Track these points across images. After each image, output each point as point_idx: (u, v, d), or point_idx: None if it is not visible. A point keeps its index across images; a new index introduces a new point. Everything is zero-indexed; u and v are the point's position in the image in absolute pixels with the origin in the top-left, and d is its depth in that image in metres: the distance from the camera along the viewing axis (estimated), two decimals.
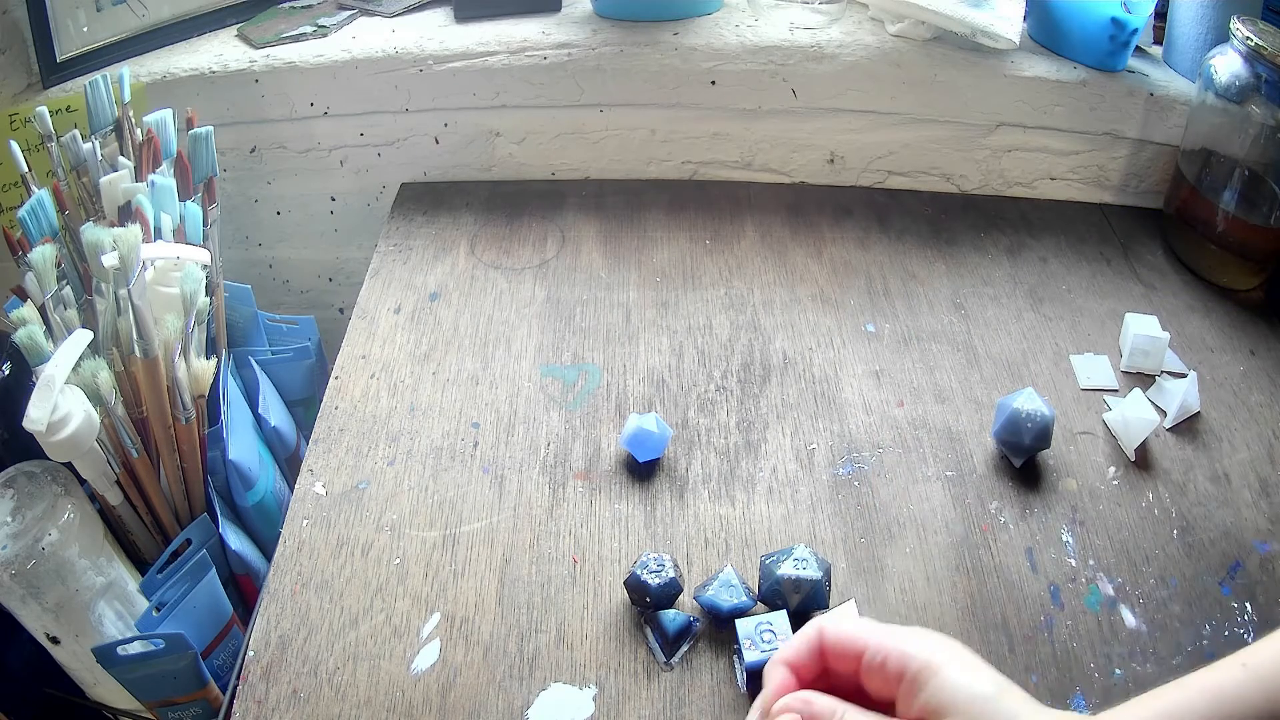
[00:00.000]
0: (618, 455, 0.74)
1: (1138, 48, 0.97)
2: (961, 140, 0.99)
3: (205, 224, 0.81)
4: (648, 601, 0.62)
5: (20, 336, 0.66)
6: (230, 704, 0.60)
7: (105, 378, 0.67)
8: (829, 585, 0.62)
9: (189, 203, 0.80)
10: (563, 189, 1.02)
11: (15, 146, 0.79)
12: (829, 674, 0.44)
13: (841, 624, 0.43)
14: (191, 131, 0.85)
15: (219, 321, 0.83)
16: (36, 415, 0.62)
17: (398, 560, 0.66)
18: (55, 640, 0.71)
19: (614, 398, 0.78)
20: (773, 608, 0.62)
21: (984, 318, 0.87)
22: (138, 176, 0.81)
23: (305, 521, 0.69)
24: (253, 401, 0.85)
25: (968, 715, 0.39)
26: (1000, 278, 0.91)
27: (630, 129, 1.00)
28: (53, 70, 0.92)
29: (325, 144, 1.01)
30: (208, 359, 0.74)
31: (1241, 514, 0.70)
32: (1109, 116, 0.95)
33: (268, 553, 0.77)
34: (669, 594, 0.62)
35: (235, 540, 0.76)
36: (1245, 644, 0.62)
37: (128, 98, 0.84)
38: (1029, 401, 0.71)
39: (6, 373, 0.76)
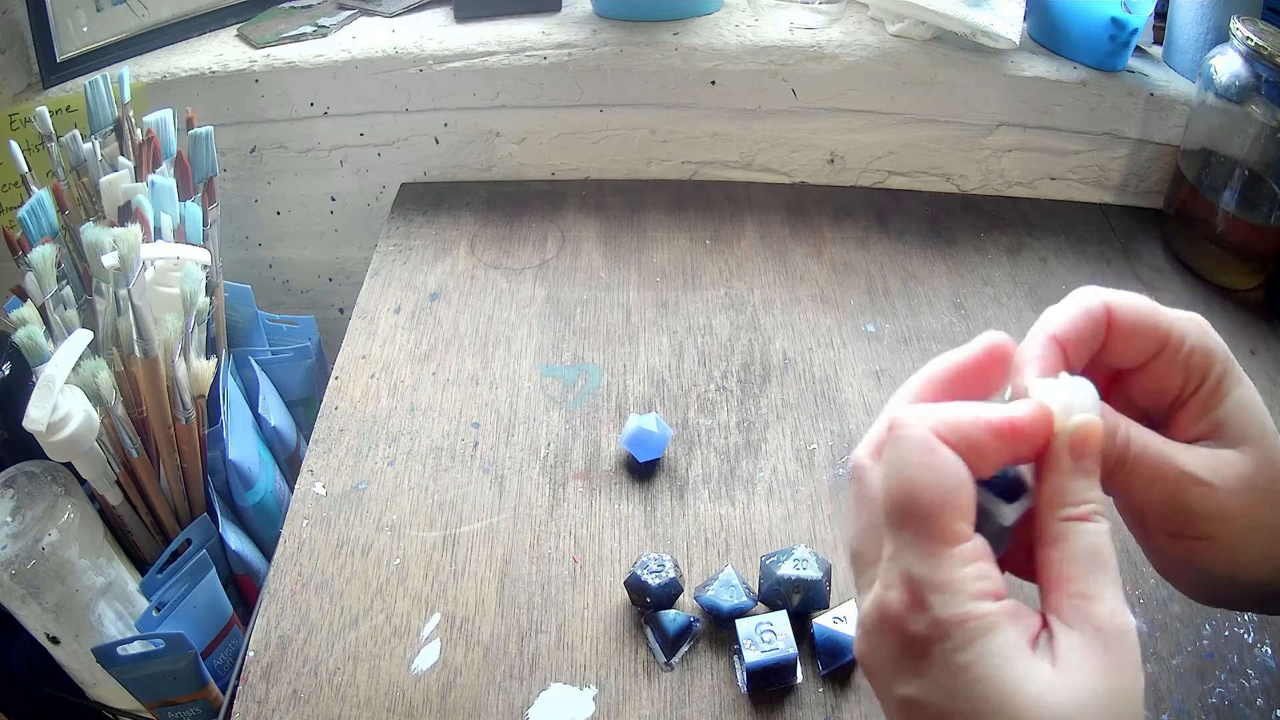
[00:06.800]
0: (618, 455, 0.74)
1: (1138, 48, 0.97)
2: (961, 140, 0.99)
3: (205, 224, 0.81)
4: (648, 601, 0.62)
5: (20, 336, 0.65)
6: (230, 704, 0.59)
7: (105, 378, 0.67)
8: (829, 585, 0.62)
9: (189, 203, 0.80)
10: (563, 189, 1.02)
11: (15, 146, 0.79)
12: (1093, 364, 0.34)
13: (1134, 297, 0.33)
14: (191, 131, 0.85)
15: (219, 321, 0.83)
16: (36, 415, 0.62)
17: (398, 560, 0.66)
18: (55, 640, 0.71)
19: (614, 398, 0.78)
20: (773, 608, 0.62)
21: (984, 318, 0.87)
22: (138, 176, 0.81)
23: (305, 521, 0.69)
24: (253, 401, 0.85)
25: (1267, 456, 0.32)
26: (1000, 278, 0.91)
27: (630, 129, 1.00)
28: (53, 70, 0.92)
29: (325, 144, 1.01)
30: (208, 359, 0.74)
31: None
32: (1109, 116, 0.95)
33: (268, 553, 0.77)
34: (669, 594, 0.62)
35: (235, 540, 0.76)
36: (1245, 644, 0.62)
37: (128, 98, 0.84)
38: None
39: (6, 373, 0.76)
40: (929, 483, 0.29)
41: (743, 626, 0.59)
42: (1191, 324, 0.33)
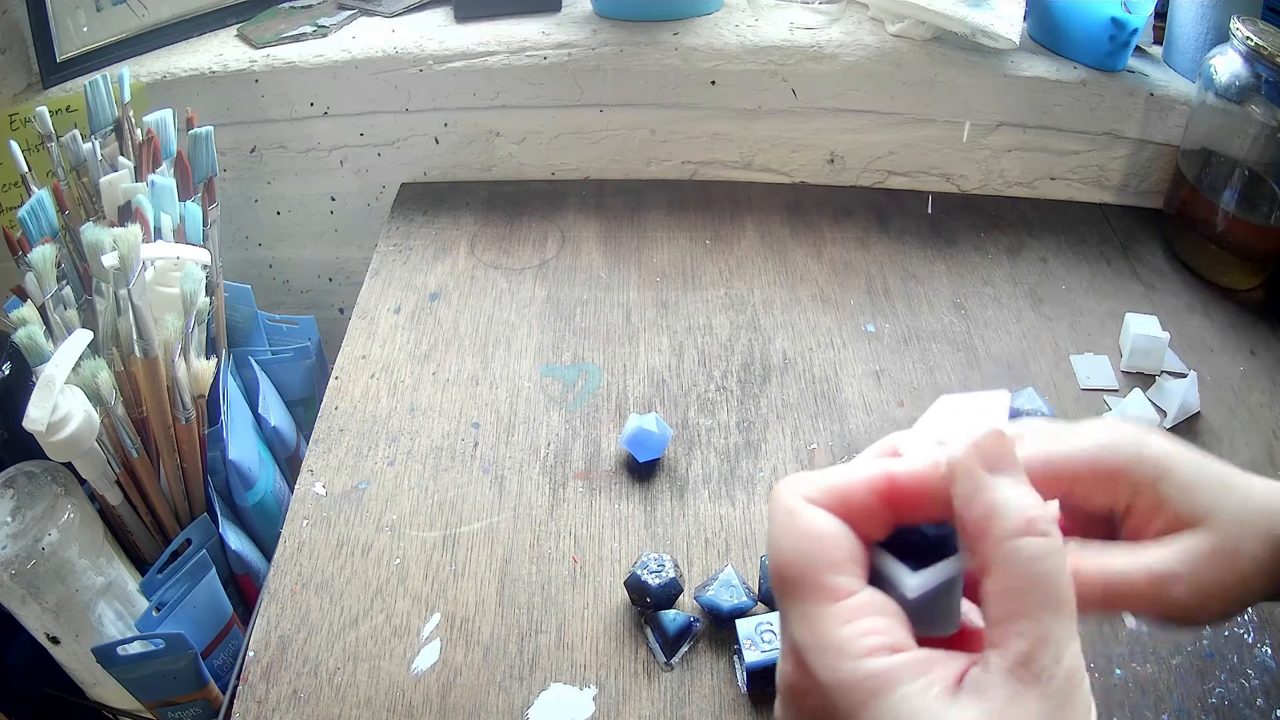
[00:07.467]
0: (618, 455, 0.74)
1: (1138, 48, 0.97)
2: (961, 140, 0.99)
3: (205, 224, 0.81)
4: (648, 601, 0.62)
5: (20, 336, 0.65)
6: (230, 704, 0.60)
7: (105, 378, 0.67)
8: None
9: (189, 203, 0.80)
10: (563, 189, 1.02)
11: (15, 146, 0.79)
12: None
13: (1029, 449, 0.33)
14: (191, 131, 0.85)
15: (219, 321, 0.83)
16: (36, 415, 0.62)
17: (398, 560, 0.66)
18: (55, 640, 0.71)
19: (614, 398, 0.78)
20: (773, 608, 0.62)
21: (984, 318, 0.87)
22: (138, 176, 0.81)
23: (305, 521, 0.69)
24: (253, 401, 0.85)
25: (1243, 524, 0.31)
26: (1000, 278, 0.91)
27: (630, 129, 1.00)
28: (53, 70, 0.92)
29: (325, 144, 1.01)
30: (208, 359, 0.74)
31: None
32: (1109, 116, 0.95)
33: (268, 553, 0.77)
34: (669, 594, 0.62)
35: (235, 540, 0.76)
36: (1245, 644, 0.62)
37: (128, 98, 0.84)
38: (1029, 401, 0.71)
39: (6, 373, 0.76)
40: (789, 545, 0.28)
41: (743, 626, 0.59)
42: (1092, 461, 0.33)
